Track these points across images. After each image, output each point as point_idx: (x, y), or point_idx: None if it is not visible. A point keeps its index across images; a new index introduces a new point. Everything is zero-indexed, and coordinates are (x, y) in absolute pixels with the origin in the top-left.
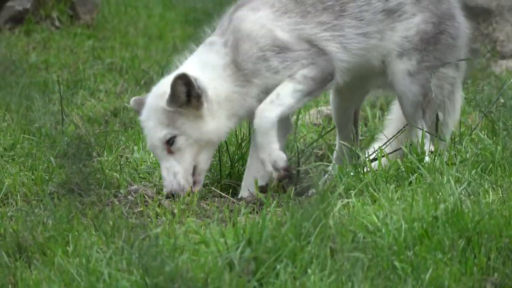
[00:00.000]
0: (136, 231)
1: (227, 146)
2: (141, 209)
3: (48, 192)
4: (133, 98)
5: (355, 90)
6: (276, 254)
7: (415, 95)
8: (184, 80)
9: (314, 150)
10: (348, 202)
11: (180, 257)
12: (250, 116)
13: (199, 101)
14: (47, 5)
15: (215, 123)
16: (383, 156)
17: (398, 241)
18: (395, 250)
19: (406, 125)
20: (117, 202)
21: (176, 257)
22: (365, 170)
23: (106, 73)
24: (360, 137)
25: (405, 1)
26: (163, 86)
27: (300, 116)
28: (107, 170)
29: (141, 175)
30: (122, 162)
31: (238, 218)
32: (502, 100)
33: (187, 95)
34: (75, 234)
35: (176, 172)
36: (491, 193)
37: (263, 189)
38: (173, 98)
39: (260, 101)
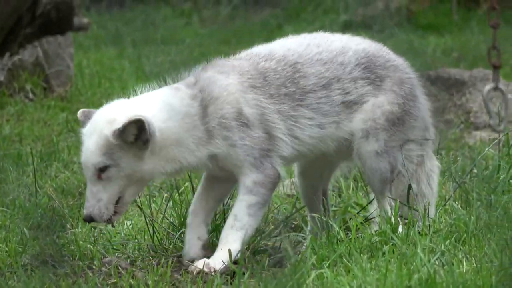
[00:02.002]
0: None
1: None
2: (115, 280)
3: (22, 263)
4: (81, 110)
5: (320, 170)
6: None
7: (384, 172)
8: (138, 124)
9: (289, 222)
10: (321, 273)
11: None
12: (193, 169)
13: (145, 145)
14: (20, 78)
15: (152, 165)
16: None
17: None
18: None
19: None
20: (91, 274)
21: None
22: (338, 240)
23: (80, 145)
24: (333, 208)
25: (366, 93)
26: (115, 114)
27: None
28: (80, 242)
29: (114, 247)
30: (96, 234)
31: None
32: (475, 171)
33: (135, 137)
34: None
35: (100, 198)
36: (464, 263)
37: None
38: (121, 135)
39: (203, 164)
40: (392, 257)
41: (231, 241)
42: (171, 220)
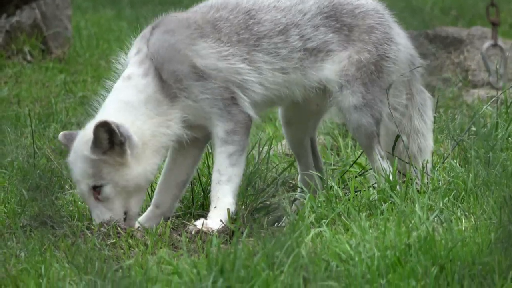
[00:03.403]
0: (109, 262)
1: (199, 176)
2: (114, 240)
3: (21, 225)
4: (62, 133)
5: (304, 119)
6: (249, 284)
7: (367, 127)
8: (106, 128)
9: (286, 180)
10: (320, 231)
11: (153, 287)
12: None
13: (122, 148)
14: (18, 40)
15: (141, 167)
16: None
17: (371, 269)
18: (368, 278)
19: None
20: (89, 234)
21: None
22: (337, 199)
23: (78, 106)
24: (332, 167)
25: (330, 40)
26: (88, 132)
27: (272, 146)
28: (79, 203)
29: None
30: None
31: (211, 248)
32: (474, 129)
33: (109, 141)
34: (48, 266)
35: (104, 213)
36: (463, 221)
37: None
38: (96, 145)
39: (185, 127)
40: (391, 215)
41: (222, 196)
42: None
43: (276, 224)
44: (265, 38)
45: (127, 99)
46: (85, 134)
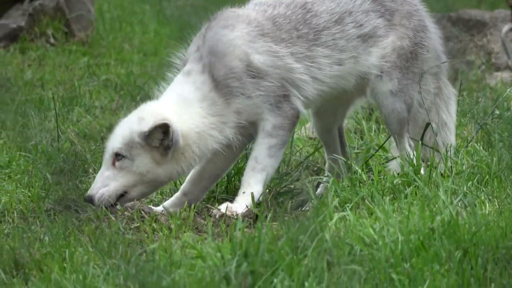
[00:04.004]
0: (133, 246)
1: None
2: (138, 224)
3: (45, 209)
4: None
5: (334, 108)
6: (273, 268)
7: (400, 112)
8: (164, 129)
9: (310, 164)
10: (344, 215)
11: (176, 272)
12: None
13: (166, 151)
14: (41, 23)
15: (170, 167)
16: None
17: (395, 253)
18: (392, 262)
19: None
20: (113, 218)
21: (172, 272)
22: (361, 183)
23: (101, 89)
24: (355, 150)
25: (379, 25)
26: (146, 114)
27: (296, 130)
28: None
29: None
30: None
31: (235, 232)
32: (497, 112)
33: (160, 142)
34: (72, 250)
35: (106, 184)
36: (487, 205)
37: None
38: (147, 138)
39: (238, 132)
40: (415, 199)
41: (253, 183)
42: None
43: (300, 208)
44: (324, 30)
45: (184, 95)
46: (142, 113)
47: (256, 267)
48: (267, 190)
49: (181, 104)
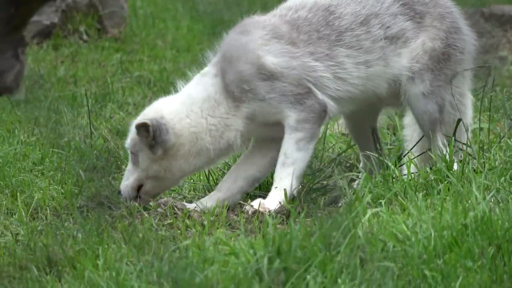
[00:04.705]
0: (166, 243)
1: None
2: (171, 221)
3: (78, 205)
4: None
5: (365, 112)
6: (306, 264)
7: (432, 113)
8: (144, 128)
9: (343, 160)
10: (377, 212)
11: (209, 268)
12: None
13: (152, 149)
14: (74, 19)
15: (167, 165)
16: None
17: (428, 249)
18: (425, 258)
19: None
20: (146, 215)
21: (205, 268)
22: (393, 179)
23: (134, 86)
24: (388, 146)
25: (407, 27)
26: (147, 110)
27: (328, 126)
28: None
29: (170, 188)
30: None
31: (267, 229)
32: None
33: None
34: (105, 247)
35: (127, 178)
36: None
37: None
38: (138, 135)
39: (241, 137)
40: (447, 195)
41: (284, 177)
42: (226, 160)
43: (333, 204)
44: (347, 31)
45: (191, 95)
46: (147, 108)
47: (289, 263)
48: (300, 186)
49: (185, 103)
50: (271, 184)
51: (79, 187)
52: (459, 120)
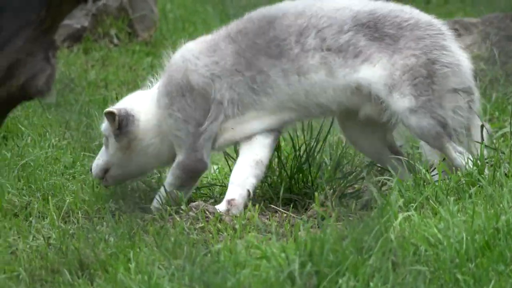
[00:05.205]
0: (198, 247)
1: (284, 160)
2: (202, 224)
3: (110, 209)
4: None
5: (368, 135)
6: (338, 268)
7: (430, 129)
8: (112, 116)
9: (374, 164)
10: (408, 215)
11: (241, 272)
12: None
13: (116, 138)
14: (105, 23)
15: (132, 155)
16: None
17: (460, 253)
18: (457, 262)
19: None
20: (178, 218)
21: (237, 272)
22: (425, 183)
23: None
24: (419, 150)
25: (366, 46)
26: (123, 100)
27: None
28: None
29: (202, 191)
30: None
31: (299, 232)
32: None
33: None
34: (137, 250)
35: (98, 158)
36: None
37: None
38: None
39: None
40: (479, 199)
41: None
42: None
43: (364, 208)
44: (283, 41)
45: (152, 91)
46: (124, 99)
47: (321, 267)
48: (331, 190)
49: (152, 99)
50: (302, 187)
51: (111, 190)
52: (482, 126)
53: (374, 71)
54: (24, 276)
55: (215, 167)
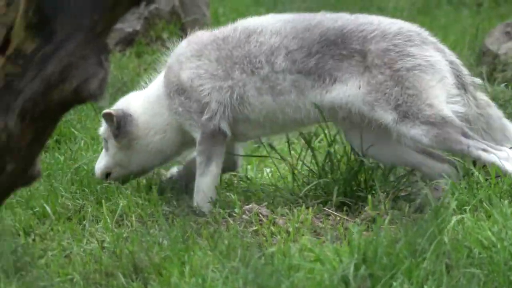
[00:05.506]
0: (252, 250)
1: (336, 163)
2: (256, 228)
3: (163, 212)
4: None
5: (384, 146)
6: (392, 271)
7: (423, 135)
8: (109, 117)
9: None
10: (462, 218)
11: (295, 275)
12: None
13: (117, 140)
14: (157, 27)
15: (132, 155)
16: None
17: None
18: (511, 265)
19: None
20: (231, 221)
21: (291, 275)
22: (478, 185)
23: None
24: None
25: (334, 67)
26: (120, 101)
27: None
28: (221, 190)
29: (255, 194)
30: (236, 181)
31: (353, 235)
32: None
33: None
34: (191, 254)
35: (100, 161)
36: None
37: None
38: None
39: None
40: None
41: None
42: (311, 167)
43: (418, 211)
44: (256, 57)
45: (152, 91)
46: (121, 100)
47: (375, 270)
48: (384, 193)
49: (149, 98)
50: (356, 191)
51: (164, 193)
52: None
53: (346, 90)
54: (79, 279)
55: (268, 170)
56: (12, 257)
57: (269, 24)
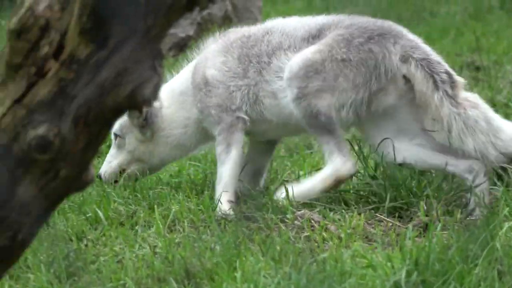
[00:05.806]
0: (304, 255)
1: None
2: (308, 233)
3: (215, 218)
4: None
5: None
6: (444, 277)
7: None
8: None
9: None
10: None
11: (347, 281)
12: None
13: (141, 131)
14: (210, 32)
15: (153, 148)
16: None
17: None
18: None
19: None
20: (283, 227)
21: (343, 281)
22: None
23: None
24: None
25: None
26: None
27: None
28: (273, 196)
29: (307, 200)
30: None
31: (405, 241)
32: None
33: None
34: (243, 259)
35: (110, 161)
36: None
37: None
38: (128, 116)
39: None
40: None
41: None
42: (362, 172)
43: (470, 217)
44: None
45: (176, 84)
46: None
47: (427, 276)
48: (436, 199)
49: (174, 91)
50: (405, 195)
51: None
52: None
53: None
54: (131, 284)
55: None
56: (65, 262)
57: (285, 24)
